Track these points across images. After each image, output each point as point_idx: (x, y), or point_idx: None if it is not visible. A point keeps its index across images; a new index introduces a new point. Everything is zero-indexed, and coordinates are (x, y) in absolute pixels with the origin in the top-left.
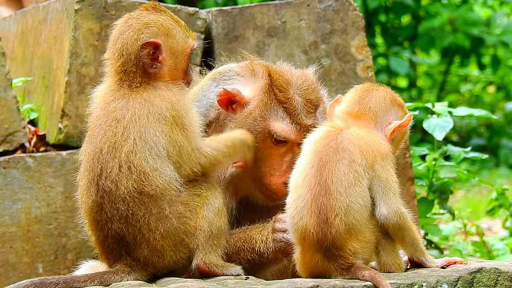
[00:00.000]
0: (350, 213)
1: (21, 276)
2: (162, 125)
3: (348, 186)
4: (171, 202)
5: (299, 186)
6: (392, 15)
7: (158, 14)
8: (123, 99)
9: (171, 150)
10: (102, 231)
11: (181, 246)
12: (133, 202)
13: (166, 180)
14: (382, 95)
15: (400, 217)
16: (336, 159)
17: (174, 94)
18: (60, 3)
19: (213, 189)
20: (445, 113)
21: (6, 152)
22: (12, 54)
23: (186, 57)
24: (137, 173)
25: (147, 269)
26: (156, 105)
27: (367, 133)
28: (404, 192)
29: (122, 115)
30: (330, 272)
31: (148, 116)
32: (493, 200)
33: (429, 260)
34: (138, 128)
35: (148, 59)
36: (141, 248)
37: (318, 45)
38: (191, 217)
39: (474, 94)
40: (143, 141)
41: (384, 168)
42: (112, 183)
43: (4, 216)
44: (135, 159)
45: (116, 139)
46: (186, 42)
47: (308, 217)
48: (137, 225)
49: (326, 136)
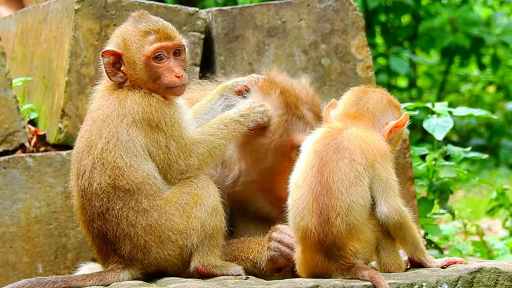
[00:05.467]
0: (351, 213)
1: (21, 276)
2: (138, 128)
3: (349, 186)
4: (149, 196)
5: (299, 186)
6: (392, 15)
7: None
8: (101, 100)
9: (154, 150)
10: (89, 231)
11: (168, 243)
12: (108, 197)
13: (141, 175)
14: (379, 96)
15: (401, 215)
16: (336, 158)
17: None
18: (60, 3)
19: (207, 188)
20: (445, 113)
21: (6, 152)
22: (12, 54)
23: (145, 65)
24: (111, 168)
25: (135, 264)
26: (128, 108)
27: (366, 132)
28: (404, 192)
29: (97, 115)
30: (330, 272)
31: (121, 118)
32: (493, 200)
33: (429, 260)
34: (110, 128)
35: (109, 68)
36: (124, 244)
37: (318, 45)
38: (177, 214)
39: (474, 94)
40: (117, 140)
41: (384, 167)
42: (87, 181)
43: (4, 216)
44: (108, 156)
45: (91, 138)
46: (140, 51)
47: (310, 217)
48: (115, 220)
49: (326, 136)
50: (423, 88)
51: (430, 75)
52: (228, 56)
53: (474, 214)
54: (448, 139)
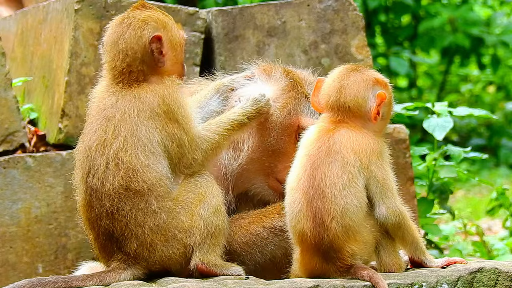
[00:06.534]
0: (346, 214)
1: (21, 276)
2: (155, 122)
3: (342, 188)
4: (159, 198)
5: (294, 189)
6: (392, 15)
7: (150, 11)
8: (113, 97)
9: (169, 144)
10: (93, 229)
11: (174, 241)
12: (119, 198)
13: (155, 176)
14: (355, 86)
15: (400, 216)
16: (328, 162)
17: (166, 88)
18: (60, 3)
19: (211, 187)
20: (445, 113)
21: (6, 152)
22: (12, 54)
23: (183, 48)
24: (125, 169)
25: (140, 263)
26: (147, 102)
27: (357, 132)
28: (404, 192)
29: (112, 114)
30: (329, 274)
31: (139, 114)
32: (493, 200)
33: (429, 260)
34: (129, 126)
35: (157, 54)
36: (130, 242)
37: (318, 45)
38: (183, 213)
39: (474, 94)
40: (135, 138)
41: (380, 167)
42: (99, 181)
43: (4, 216)
44: (124, 156)
45: (106, 137)
46: (180, 34)
47: (305, 220)
48: (123, 220)
49: (318, 138)
50: (423, 88)
51: (430, 75)
52: (228, 56)
53: (474, 214)
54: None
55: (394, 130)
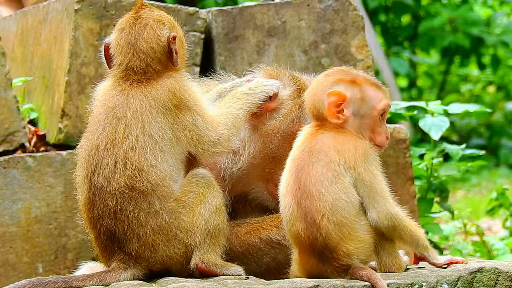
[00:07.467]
0: (337, 210)
1: (21, 276)
2: (167, 117)
3: (329, 185)
4: (162, 198)
5: (284, 194)
6: (392, 15)
7: (157, 11)
8: (123, 95)
9: (181, 135)
10: (95, 228)
11: (175, 241)
12: (123, 198)
13: (159, 176)
14: (313, 93)
15: (391, 219)
16: (312, 162)
17: (176, 81)
18: (60, 3)
19: (211, 187)
20: (439, 111)
21: (6, 152)
22: (12, 54)
23: (185, 44)
24: (132, 169)
25: (141, 263)
26: (159, 98)
27: (339, 134)
28: (404, 192)
29: (123, 113)
30: (326, 274)
31: (151, 111)
32: (493, 200)
33: (432, 256)
34: (141, 124)
35: (175, 54)
36: (132, 242)
37: (318, 45)
38: (184, 212)
39: (474, 94)
40: (147, 136)
41: (367, 169)
42: (104, 180)
43: (4, 216)
44: (134, 156)
45: (116, 136)
46: (182, 30)
47: (298, 222)
48: (126, 220)
49: (302, 142)
50: (423, 88)
51: (430, 75)
52: (228, 56)
53: (474, 214)
54: (448, 139)
55: (394, 130)
